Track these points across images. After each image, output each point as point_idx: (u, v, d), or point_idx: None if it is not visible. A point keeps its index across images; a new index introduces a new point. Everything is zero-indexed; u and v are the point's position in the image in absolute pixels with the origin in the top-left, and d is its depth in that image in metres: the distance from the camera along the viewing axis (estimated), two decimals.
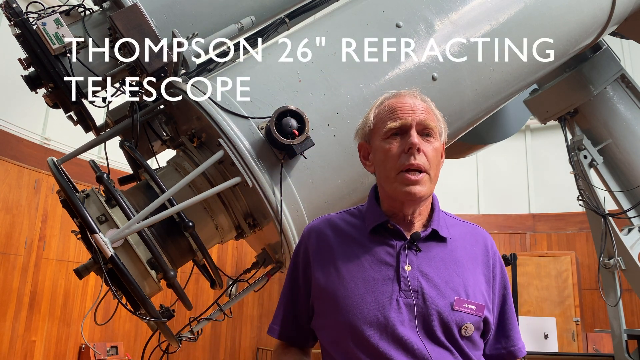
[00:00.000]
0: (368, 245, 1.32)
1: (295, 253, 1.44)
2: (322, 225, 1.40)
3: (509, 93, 2.48)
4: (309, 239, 1.39)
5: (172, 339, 1.87)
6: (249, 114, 1.85)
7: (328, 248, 1.35)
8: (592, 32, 2.76)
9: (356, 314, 1.23)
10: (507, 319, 1.39)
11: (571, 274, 7.93)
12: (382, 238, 1.32)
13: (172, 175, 1.97)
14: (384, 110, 1.34)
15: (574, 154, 4.14)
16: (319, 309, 1.33)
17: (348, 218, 1.41)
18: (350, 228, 1.37)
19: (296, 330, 1.42)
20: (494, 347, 1.38)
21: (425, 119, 1.29)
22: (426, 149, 1.28)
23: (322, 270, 1.33)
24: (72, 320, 6.14)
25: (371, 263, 1.28)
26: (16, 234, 5.64)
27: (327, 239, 1.36)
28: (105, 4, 2.05)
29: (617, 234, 3.93)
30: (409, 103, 1.31)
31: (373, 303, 1.24)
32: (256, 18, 2.26)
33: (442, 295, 1.24)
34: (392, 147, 1.29)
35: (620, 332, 3.91)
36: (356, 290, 1.25)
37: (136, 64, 1.79)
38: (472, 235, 1.40)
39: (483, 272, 1.35)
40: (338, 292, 1.27)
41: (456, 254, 1.33)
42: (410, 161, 1.25)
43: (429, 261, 1.29)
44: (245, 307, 8.25)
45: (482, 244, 1.39)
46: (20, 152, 5.79)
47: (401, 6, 2.20)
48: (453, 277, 1.28)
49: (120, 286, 1.75)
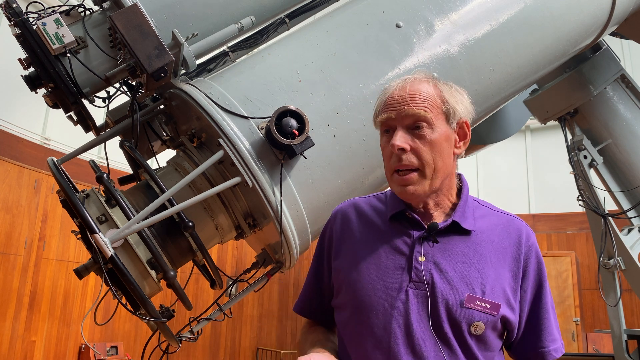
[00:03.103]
0: (387, 232, 1.30)
1: (322, 235, 1.45)
2: (348, 209, 1.41)
3: (509, 93, 2.48)
4: (335, 221, 1.41)
5: (172, 339, 1.87)
6: (249, 114, 1.85)
7: (350, 232, 1.36)
8: (592, 32, 2.76)
9: (364, 300, 1.24)
10: (539, 318, 1.29)
11: (571, 274, 7.94)
12: (401, 226, 1.29)
13: (172, 175, 1.97)
14: (381, 102, 1.31)
15: (574, 154, 4.14)
16: (336, 289, 1.35)
17: (374, 202, 1.40)
18: (374, 213, 1.37)
19: (320, 309, 1.44)
20: (522, 347, 1.30)
21: (411, 110, 1.22)
22: (417, 145, 1.22)
23: (341, 252, 1.34)
24: (72, 320, 6.14)
25: (386, 251, 1.27)
26: (16, 234, 5.64)
27: (351, 223, 1.37)
28: (105, 4, 2.05)
29: (617, 234, 3.93)
30: (401, 94, 1.25)
31: (382, 291, 1.23)
32: (256, 18, 2.26)
33: (453, 290, 1.20)
34: (385, 146, 1.29)
35: (620, 332, 3.91)
36: (367, 277, 1.25)
37: (136, 64, 1.79)
38: (505, 227, 1.30)
39: (510, 267, 1.26)
40: (351, 275, 1.28)
41: (480, 248, 1.25)
42: (398, 163, 1.23)
43: (446, 253, 1.24)
44: (245, 307, 8.25)
45: (515, 236, 1.29)
46: (20, 152, 5.79)
47: (401, 6, 2.20)
48: (470, 271, 1.22)
49: (120, 286, 1.75)
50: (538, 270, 1.30)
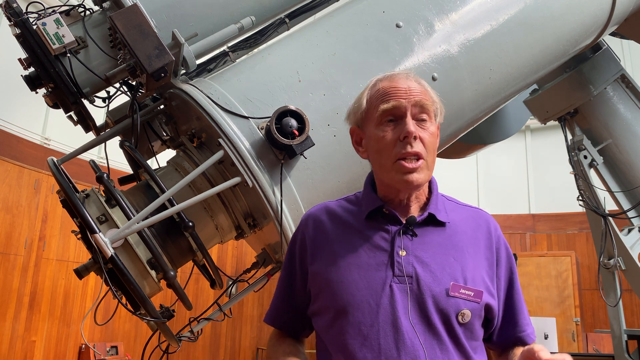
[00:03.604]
0: (364, 231, 1.29)
1: (292, 241, 1.42)
2: (320, 213, 1.38)
3: (509, 93, 2.48)
4: (307, 226, 1.37)
5: (172, 339, 1.87)
6: (249, 114, 1.85)
7: (324, 235, 1.33)
8: (592, 32, 2.76)
9: (348, 299, 1.22)
10: (514, 303, 1.34)
11: (571, 274, 7.93)
12: (377, 223, 1.29)
13: (172, 175, 1.97)
14: (377, 94, 1.29)
15: (574, 154, 4.13)
16: (314, 294, 1.32)
17: (345, 205, 1.39)
18: (347, 214, 1.35)
19: (292, 319, 1.40)
20: (502, 333, 1.34)
21: (420, 100, 1.25)
22: (422, 135, 1.24)
23: (318, 256, 1.31)
24: (72, 320, 6.14)
25: (366, 249, 1.26)
26: (16, 234, 5.64)
27: (324, 226, 1.34)
28: (105, 4, 2.05)
29: (617, 234, 3.93)
30: (402, 86, 1.27)
31: (366, 289, 1.21)
32: (256, 18, 2.26)
33: (437, 281, 1.21)
34: (386, 134, 1.25)
35: (620, 332, 3.91)
36: (349, 276, 1.24)
37: (136, 64, 1.79)
38: (474, 219, 1.36)
39: (486, 256, 1.31)
40: (331, 277, 1.26)
41: (455, 239, 1.29)
42: (407, 149, 1.22)
43: (425, 246, 1.26)
44: (245, 307, 8.25)
45: (484, 227, 1.35)
46: (20, 152, 5.79)
47: (401, 6, 2.20)
48: (450, 262, 1.25)
49: (120, 286, 1.75)
50: (508, 258, 1.35)
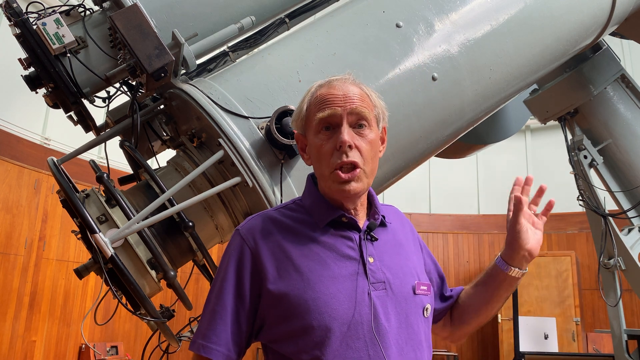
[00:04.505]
0: (325, 241, 1.24)
1: (234, 257, 1.24)
2: (264, 224, 1.27)
3: (509, 93, 2.48)
4: (252, 241, 1.24)
5: (172, 339, 1.87)
6: (249, 114, 1.85)
7: (278, 248, 1.22)
8: (592, 32, 2.76)
9: (330, 314, 1.15)
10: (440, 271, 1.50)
11: (571, 274, 7.93)
12: (337, 232, 1.26)
13: (172, 175, 1.97)
14: (315, 101, 1.26)
15: (574, 154, 4.14)
16: (276, 318, 1.20)
17: (290, 213, 1.30)
18: (298, 224, 1.27)
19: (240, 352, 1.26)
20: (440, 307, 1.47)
21: (357, 107, 1.22)
22: (360, 144, 1.22)
23: (277, 273, 1.19)
24: (72, 320, 6.14)
25: (334, 259, 1.21)
26: (16, 234, 5.64)
27: (275, 238, 1.24)
28: (105, 4, 2.05)
29: (617, 234, 3.93)
30: (339, 93, 1.23)
31: (346, 301, 1.17)
32: (256, 18, 2.26)
33: (403, 282, 1.25)
34: (323, 143, 1.23)
35: (620, 332, 3.91)
36: (326, 290, 1.17)
37: (136, 64, 1.79)
38: (395, 215, 1.42)
39: (416, 247, 1.40)
40: (305, 294, 1.16)
41: (397, 238, 1.35)
42: (343, 159, 1.20)
43: (383, 249, 1.28)
44: None
45: (404, 221, 1.43)
46: (20, 152, 5.79)
47: (401, 6, 2.20)
48: (404, 261, 1.30)
49: (120, 286, 1.75)
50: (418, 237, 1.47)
